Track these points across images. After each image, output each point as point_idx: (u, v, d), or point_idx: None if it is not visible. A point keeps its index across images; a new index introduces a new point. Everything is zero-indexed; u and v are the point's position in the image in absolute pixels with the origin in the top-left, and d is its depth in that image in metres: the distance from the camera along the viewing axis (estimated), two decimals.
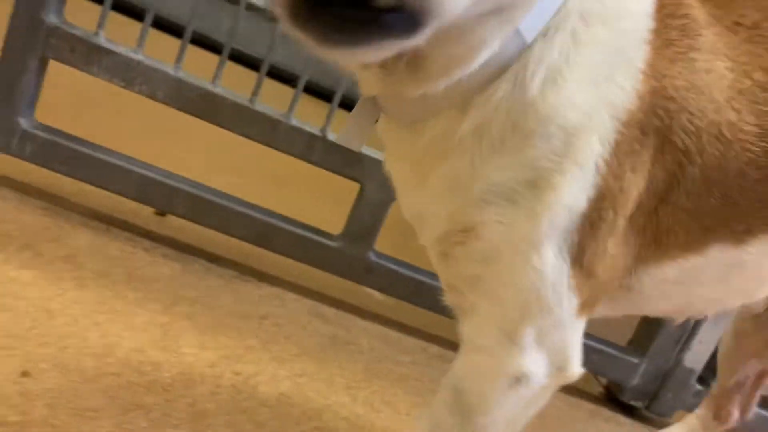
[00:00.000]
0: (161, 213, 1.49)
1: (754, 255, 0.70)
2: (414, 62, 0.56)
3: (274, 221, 1.44)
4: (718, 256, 0.69)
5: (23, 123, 1.33)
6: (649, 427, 1.61)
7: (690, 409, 1.51)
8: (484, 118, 0.59)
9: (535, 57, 0.58)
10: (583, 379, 0.70)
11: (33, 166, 1.35)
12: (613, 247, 0.62)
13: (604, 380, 1.70)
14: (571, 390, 1.57)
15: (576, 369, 0.66)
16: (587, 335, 0.67)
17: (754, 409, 1.11)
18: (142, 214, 1.46)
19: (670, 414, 1.63)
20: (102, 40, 1.31)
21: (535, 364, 0.63)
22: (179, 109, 1.36)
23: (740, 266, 0.71)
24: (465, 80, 0.57)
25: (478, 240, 0.61)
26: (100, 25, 1.32)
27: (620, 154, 0.59)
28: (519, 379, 0.63)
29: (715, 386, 1.13)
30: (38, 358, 0.95)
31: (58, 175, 1.36)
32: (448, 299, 0.70)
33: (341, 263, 1.47)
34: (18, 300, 1.05)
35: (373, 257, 1.47)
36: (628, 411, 1.63)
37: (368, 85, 0.63)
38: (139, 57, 1.33)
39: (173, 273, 1.31)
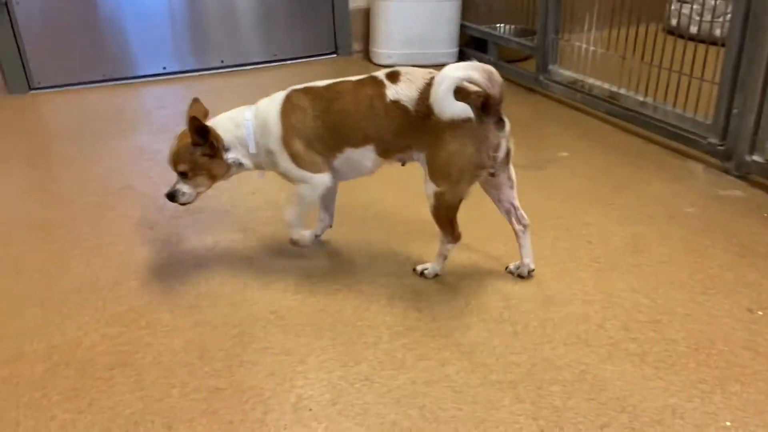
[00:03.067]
0: None
1: (355, 154, 1.90)
2: None
3: None
4: (348, 154, 1.90)
5: None
6: None
7: None
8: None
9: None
10: None
11: None
12: (310, 155, 1.91)
13: None
14: None
15: (321, 186, 1.94)
16: None
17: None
18: None
19: None
20: None
21: (309, 182, 1.93)
22: None
23: (356, 158, 1.91)
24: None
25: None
26: None
27: (286, 139, 1.90)
28: (310, 186, 1.93)
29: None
30: None
31: None
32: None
33: None
34: None
35: None
36: None
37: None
38: None
39: None
